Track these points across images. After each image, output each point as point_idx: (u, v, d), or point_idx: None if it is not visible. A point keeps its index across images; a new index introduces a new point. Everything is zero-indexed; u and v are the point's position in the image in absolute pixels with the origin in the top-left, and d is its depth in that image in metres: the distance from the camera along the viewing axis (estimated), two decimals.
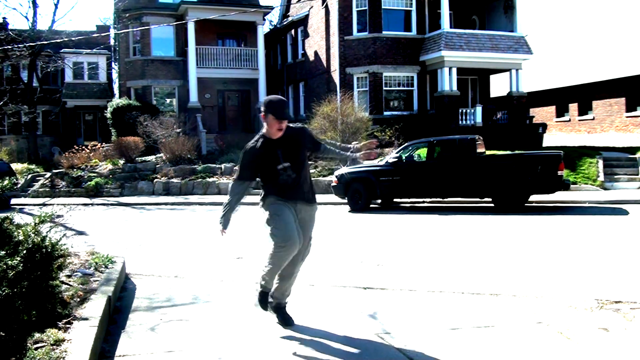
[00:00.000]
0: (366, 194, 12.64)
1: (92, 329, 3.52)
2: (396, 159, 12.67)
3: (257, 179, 4.07)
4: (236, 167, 4.11)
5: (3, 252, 3.51)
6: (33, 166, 22.92)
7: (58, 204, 10.04)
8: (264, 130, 3.91)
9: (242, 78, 25.11)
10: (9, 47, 23.28)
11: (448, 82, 20.60)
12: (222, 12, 22.37)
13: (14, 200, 16.15)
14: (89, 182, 18.57)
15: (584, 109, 26.61)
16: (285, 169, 3.85)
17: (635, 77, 23.03)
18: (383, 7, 21.26)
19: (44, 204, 14.60)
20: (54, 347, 3.21)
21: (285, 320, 4.05)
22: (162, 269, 6.31)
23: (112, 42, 30.78)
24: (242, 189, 4.03)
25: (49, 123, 31.12)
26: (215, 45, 24.96)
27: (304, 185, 3.97)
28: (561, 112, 28.29)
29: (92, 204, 15.92)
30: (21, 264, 3.46)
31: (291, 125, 3.95)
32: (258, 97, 24.89)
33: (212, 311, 4.53)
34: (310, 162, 18.02)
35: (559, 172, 11.39)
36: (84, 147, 21.10)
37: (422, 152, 13.77)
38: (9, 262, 3.40)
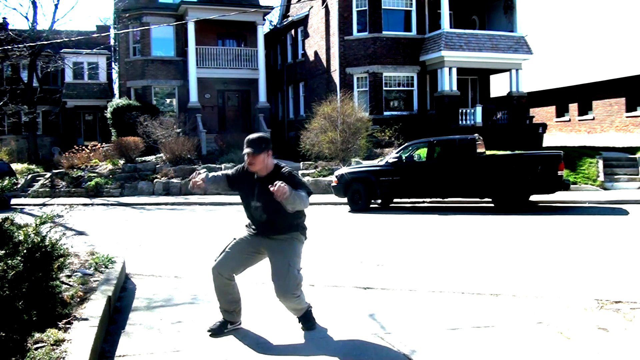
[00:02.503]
0: (366, 194, 12.64)
1: (92, 329, 3.52)
2: (396, 159, 12.67)
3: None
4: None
5: (3, 252, 3.51)
6: (33, 166, 22.90)
7: (58, 204, 10.03)
8: None
9: (242, 78, 25.12)
10: (9, 47, 23.28)
11: (448, 82, 20.61)
12: (222, 12, 22.37)
13: (14, 201, 16.14)
14: (89, 182, 18.57)
15: (584, 109, 26.62)
16: (257, 209, 3.87)
17: (635, 77, 23.03)
18: (383, 7, 21.27)
19: (44, 204, 14.60)
20: (54, 347, 3.21)
21: (308, 326, 4.01)
22: (162, 269, 6.31)
23: (112, 42, 30.78)
24: (220, 180, 4.06)
25: (49, 123, 31.12)
26: (215, 45, 24.96)
27: (276, 223, 3.83)
28: (561, 112, 28.29)
29: (92, 204, 15.92)
30: (21, 264, 3.47)
31: (286, 168, 3.88)
32: (258, 97, 24.91)
33: (212, 311, 4.52)
34: (310, 162, 17.84)
35: (559, 172, 11.39)
36: (84, 147, 21.08)
37: (422, 152, 13.77)
38: (9, 262, 3.40)
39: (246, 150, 3.76)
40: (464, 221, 10.39)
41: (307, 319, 4.02)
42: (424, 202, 13.71)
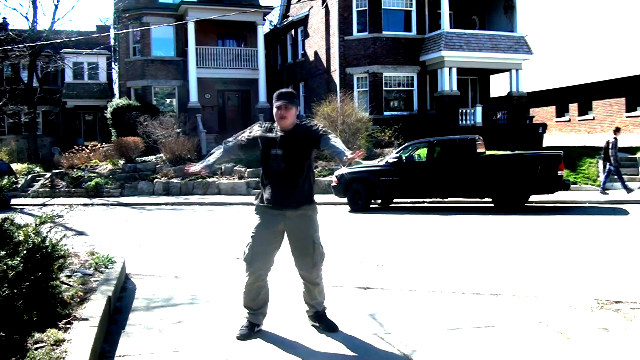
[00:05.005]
0: (366, 194, 12.64)
1: (92, 329, 3.52)
2: (396, 159, 12.67)
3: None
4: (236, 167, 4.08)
5: (3, 253, 3.51)
6: (33, 166, 22.90)
7: (58, 204, 10.04)
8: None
9: (242, 78, 25.11)
10: (9, 47, 23.27)
11: (448, 82, 20.60)
12: (222, 12, 22.37)
13: (14, 201, 16.14)
14: (89, 182, 18.57)
15: (584, 109, 26.62)
16: (277, 157, 3.75)
17: (635, 77, 23.03)
18: (383, 7, 21.27)
19: (44, 204, 14.60)
20: (54, 347, 3.21)
21: (329, 327, 3.94)
22: (162, 269, 6.31)
23: (112, 42, 30.78)
24: (231, 149, 4.00)
25: (49, 123, 31.12)
26: (215, 45, 24.96)
27: (295, 184, 3.76)
28: (561, 112, 28.29)
29: (92, 204, 15.92)
30: (21, 265, 3.46)
31: (305, 122, 3.90)
32: (258, 97, 24.90)
33: (212, 311, 4.53)
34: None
35: (559, 172, 11.40)
36: (84, 147, 21.08)
37: (422, 152, 13.77)
38: (9, 262, 3.40)
39: (279, 102, 3.71)
40: (464, 221, 10.39)
41: (323, 319, 3.98)
42: (424, 202, 13.71)
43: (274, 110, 3.77)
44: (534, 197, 12.11)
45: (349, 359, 3.50)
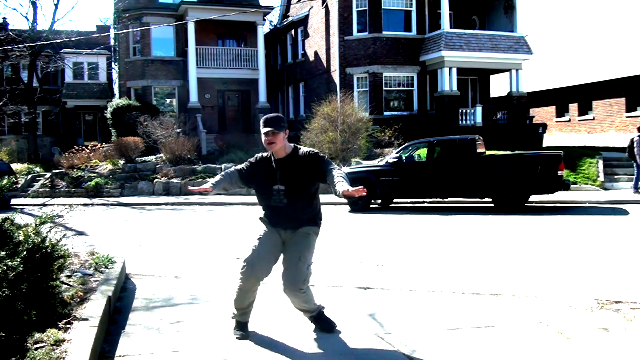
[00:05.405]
0: (366, 193, 12.61)
1: (92, 329, 3.52)
2: (396, 159, 12.67)
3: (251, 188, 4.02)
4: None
5: (3, 253, 3.51)
6: (33, 166, 22.89)
7: (58, 204, 10.02)
8: None
9: (242, 78, 25.11)
10: (9, 47, 23.28)
11: (448, 82, 20.60)
12: (222, 12, 22.37)
13: (14, 201, 16.14)
14: (89, 182, 18.56)
15: (584, 109, 26.62)
16: (279, 192, 3.72)
17: (635, 77, 23.03)
18: (383, 7, 21.27)
19: (44, 204, 14.59)
20: (54, 347, 3.21)
21: (328, 327, 3.93)
22: (162, 269, 6.31)
23: (112, 42, 30.78)
24: (232, 175, 3.93)
25: (49, 123, 31.13)
26: (215, 46, 24.96)
27: (297, 214, 3.76)
28: (561, 112, 28.29)
29: (92, 204, 15.92)
30: (21, 265, 3.47)
31: (304, 148, 3.84)
32: (258, 97, 24.90)
33: (212, 311, 4.53)
34: None
35: (559, 172, 11.40)
36: (84, 147, 21.07)
37: (422, 152, 13.77)
38: (9, 262, 3.40)
39: (266, 129, 3.66)
40: (464, 221, 10.39)
41: (320, 320, 3.95)
42: (424, 202, 13.71)
43: (262, 137, 3.72)
44: (534, 197, 12.12)
45: (348, 359, 3.50)
